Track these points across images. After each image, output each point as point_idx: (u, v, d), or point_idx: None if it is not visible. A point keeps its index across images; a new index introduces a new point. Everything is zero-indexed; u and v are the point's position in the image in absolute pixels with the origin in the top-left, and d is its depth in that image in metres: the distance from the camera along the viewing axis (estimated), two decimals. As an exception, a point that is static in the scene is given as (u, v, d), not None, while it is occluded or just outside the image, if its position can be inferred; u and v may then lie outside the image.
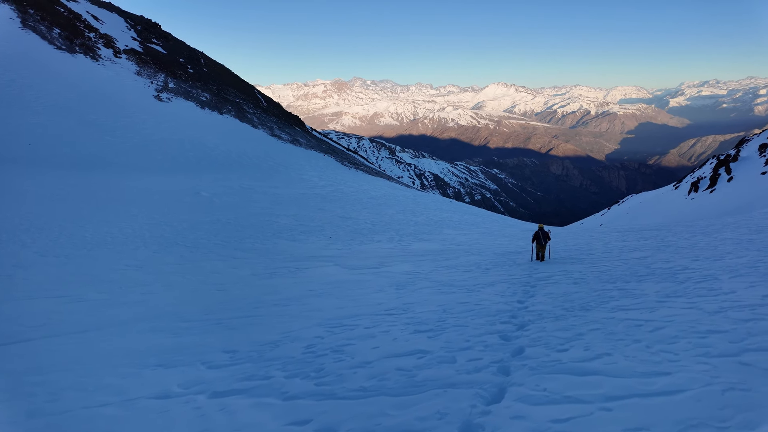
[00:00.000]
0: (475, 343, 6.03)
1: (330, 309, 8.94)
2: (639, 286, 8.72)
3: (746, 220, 17.84)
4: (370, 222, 23.78)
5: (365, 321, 7.84)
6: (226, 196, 25.29)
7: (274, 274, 12.55)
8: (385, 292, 10.31)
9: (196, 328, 7.80)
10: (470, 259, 14.61)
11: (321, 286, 11.30)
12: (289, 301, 9.69)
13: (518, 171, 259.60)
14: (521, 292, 9.30)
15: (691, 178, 52.37)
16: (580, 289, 9.08)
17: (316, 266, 13.81)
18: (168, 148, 39.45)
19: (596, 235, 19.71)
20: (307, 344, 6.69)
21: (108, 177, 26.81)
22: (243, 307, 9.27)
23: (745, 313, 6.05)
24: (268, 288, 11.11)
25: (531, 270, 12.04)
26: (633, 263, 11.45)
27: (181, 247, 14.66)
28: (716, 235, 14.63)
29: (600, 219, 55.22)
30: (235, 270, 12.90)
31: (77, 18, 52.72)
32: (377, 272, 12.89)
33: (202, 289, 10.82)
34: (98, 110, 40.91)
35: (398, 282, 11.49)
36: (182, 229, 16.87)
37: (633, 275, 9.87)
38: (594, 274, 10.58)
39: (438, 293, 9.89)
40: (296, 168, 43.60)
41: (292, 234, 18.64)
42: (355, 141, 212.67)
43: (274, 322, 8.14)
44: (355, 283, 11.60)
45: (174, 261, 13.18)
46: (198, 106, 52.31)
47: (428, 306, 8.67)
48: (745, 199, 37.26)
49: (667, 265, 10.55)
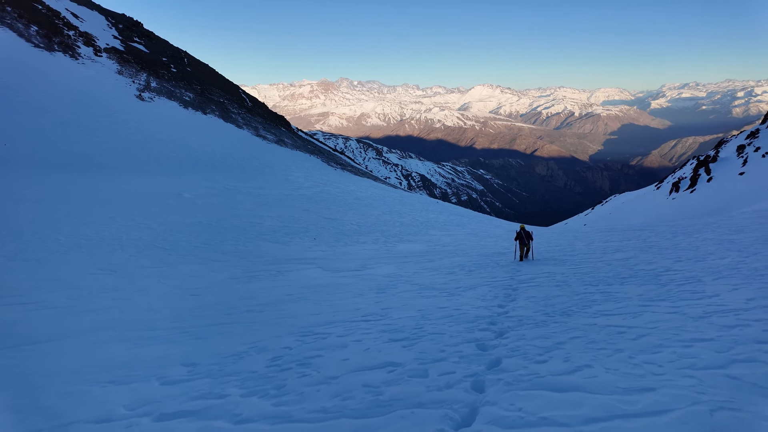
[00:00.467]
0: (450, 354, 5.78)
1: (305, 315, 8.67)
2: (622, 288, 8.60)
3: (726, 221, 18.05)
4: (355, 223, 23.54)
5: (339, 329, 7.55)
6: (209, 198, 24.80)
7: (253, 278, 12.19)
8: (365, 296, 10.11)
9: (160, 337, 7.42)
10: (454, 260, 14.45)
11: (300, 290, 11.01)
12: (264, 307, 9.38)
13: (504, 172, 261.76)
14: (502, 296, 9.13)
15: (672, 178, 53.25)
16: (562, 292, 8.94)
17: (298, 269, 13.48)
18: (150, 148, 38.66)
19: (579, 236, 19.72)
20: (273, 356, 6.35)
21: (87, 178, 26.09)
22: (215, 313, 8.95)
23: (730, 319, 5.90)
24: (245, 293, 10.74)
25: (514, 272, 11.89)
26: (616, 264, 11.36)
27: (160, 250, 14.18)
28: (697, 236, 14.72)
29: (584, 219, 55.81)
30: (213, 273, 12.48)
31: (56, 15, 51.42)
32: (359, 275, 12.67)
33: (175, 294, 10.42)
34: (77, 110, 39.91)
35: (379, 285, 11.28)
36: (161, 231, 16.33)
37: (616, 277, 9.76)
38: (576, 276, 10.45)
39: (418, 297, 9.70)
40: (281, 169, 43.16)
41: (276, 236, 18.24)
42: (342, 142, 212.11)
43: (244, 330, 7.81)
44: (336, 286, 11.35)
45: (150, 264, 12.71)
46: (181, 106, 51.45)
47: (406, 311, 8.45)
48: (724, 199, 37.97)
49: (650, 267, 10.49)
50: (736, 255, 10.51)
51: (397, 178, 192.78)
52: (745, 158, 44.85)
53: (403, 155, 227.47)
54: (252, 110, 63.25)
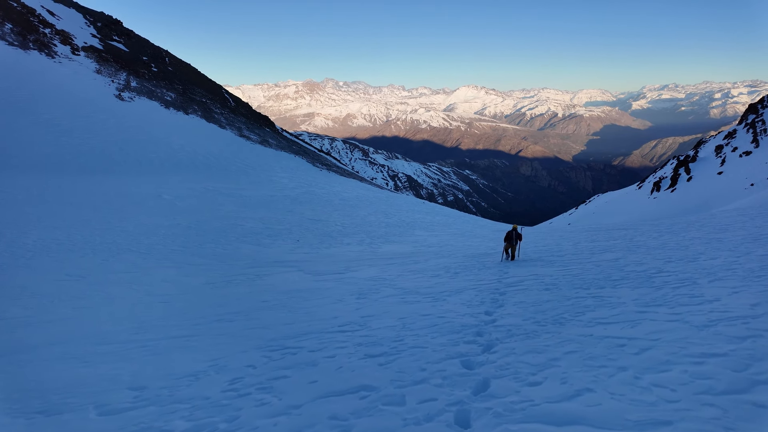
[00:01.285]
0: (431, 374, 5.15)
1: (278, 326, 8.07)
2: (615, 292, 8.24)
3: (709, 219, 18.10)
4: (340, 224, 23.08)
5: (313, 341, 6.94)
6: (190, 199, 24.08)
7: (230, 283, 11.62)
8: (345, 303, 9.61)
9: (114, 353, 6.74)
10: (439, 262, 14.10)
11: (277, 296, 10.43)
12: (235, 316, 8.76)
13: (489, 172, 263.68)
14: (489, 301, 8.68)
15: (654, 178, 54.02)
16: (552, 296, 8.54)
17: (278, 272, 12.95)
18: (130, 149, 37.60)
19: (565, 235, 19.58)
20: (233, 377, 5.65)
21: (62, 179, 25.11)
22: (181, 323, 8.30)
23: (738, 329, 5.37)
24: (218, 299, 10.21)
25: (501, 274, 11.52)
26: (605, 266, 11.06)
27: (134, 254, 13.54)
28: (683, 234, 14.58)
29: (568, 218, 56.25)
30: (188, 279, 11.89)
31: (31, 13, 49.77)
32: (341, 278, 12.18)
33: (143, 302, 9.77)
34: (54, 110, 38.63)
35: (361, 290, 10.79)
36: (137, 234, 15.68)
37: (607, 280, 9.43)
38: (566, 278, 10.13)
39: (401, 303, 9.21)
40: (265, 169, 42.44)
41: (258, 238, 17.69)
42: (328, 142, 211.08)
43: (208, 344, 7.14)
44: (315, 291, 10.82)
45: (123, 270, 12.07)
46: (162, 106, 50.29)
47: (387, 320, 7.92)
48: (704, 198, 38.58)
49: (641, 268, 10.21)
50: (728, 255, 10.30)
51: (383, 179, 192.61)
52: (723, 158, 45.72)
53: (390, 156, 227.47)
54: (235, 110, 62.25)
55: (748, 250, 10.39)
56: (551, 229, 28.33)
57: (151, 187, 25.74)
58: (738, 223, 15.18)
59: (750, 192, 34.93)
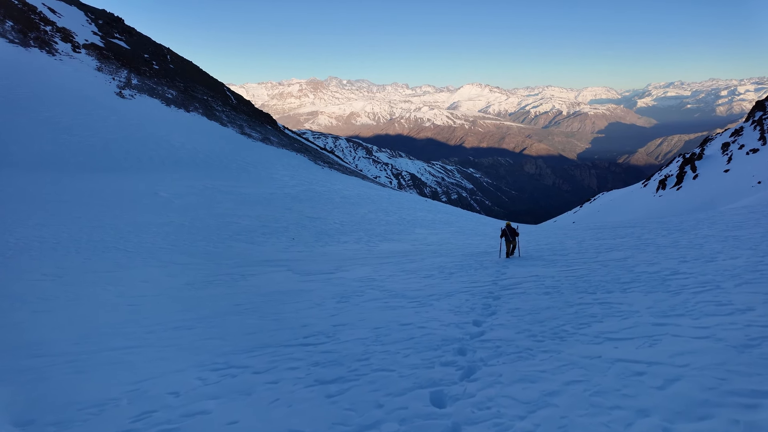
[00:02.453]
0: (388, 413, 4.14)
1: (237, 336, 7.21)
2: (625, 297, 7.35)
3: (718, 216, 17.60)
4: (339, 222, 22.84)
5: (263, 359, 6.02)
6: (188, 197, 23.91)
7: (211, 283, 11.15)
8: (322, 307, 8.94)
9: (32, 370, 5.83)
10: (436, 261, 13.70)
11: (254, 298, 9.79)
12: (197, 323, 7.96)
13: (493, 170, 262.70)
14: (481, 307, 7.92)
15: (659, 176, 53.45)
16: (552, 302, 7.68)
17: (266, 272, 12.49)
18: (130, 146, 37.53)
19: (569, 233, 19.13)
20: (143, 410, 4.64)
21: (59, 177, 25.03)
22: (134, 331, 7.51)
23: None
24: (190, 302, 9.54)
25: (497, 274, 10.83)
26: (613, 266, 10.26)
27: (120, 253, 13.22)
28: (694, 232, 13.94)
29: (572, 217, 55.81)
30: (169, 279, 11.39)
31: (32, 10, 49.82)
32: (329, 279, 11.68)
33: (111, 304, 9.20)
34: (54, 107, 38.62)
35: (345, 292, 10.17)
36: (127, 232, 15.39)
37: (615, 282, 8.56)
38: (569, 280, 9.34)
39: (382, 309, 8.52)
40: (266, 167, 42.26)
41: (252, 236, 17.41)
42: (331, 141, 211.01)
43: (145, 359, 6.22)
44: (296, 294, 10.20)
45: (104, 269, 11.66)
46: (163, 104, 50.22)
47: (360, 330, 7.13)
48: (710, 196, 38.07)
49: (653, 269, 9.28)
50: (750, 254, 9.37)
51: (387, 177, 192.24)
52: (730, 155, 45.12)
53: (393, 154, 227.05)
54: (237, 108, 62.13)
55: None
56: (555, 227, 27.97)
57: (148, 185, 25.62)
58: (751, 221, 14.59)
59: (757, 190, 34.43)
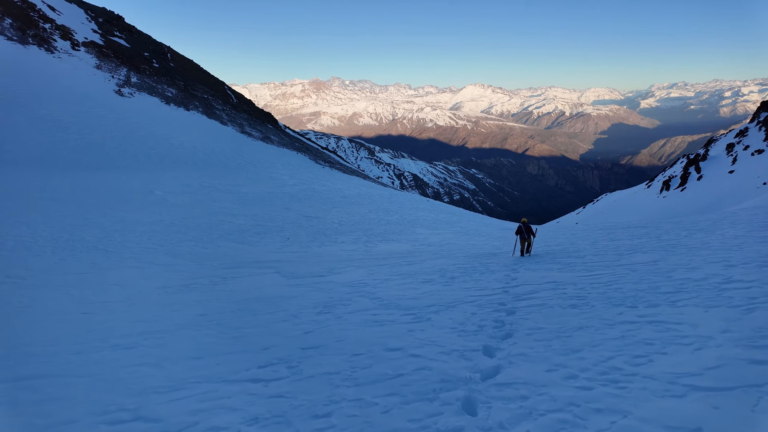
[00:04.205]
0: None
1: (172, 363, 5.72)
2: (680, 314, 5.70)
3: (734, 216, 16.75)
4: (337, 221, 22.32)
5: (181, 410, 4.42)
6: (183, 195, 23.45)
7: (187, 288, 10.19)
8: (297, 321, 7.57)
9: None
10: (437, 263, 12.89)
11: (223, 307, 8.58)
12: (141, 340, 6.50)
13: (496, 171, 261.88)
14: (491, 325, 6.47)
15: (663, 177, 52.81)
16: (584, 319, 6.10)
17: (251, 275, 11.61)
18: (128, 145, 37.15)
19: (579, 233, 18.43)
20: None
21: (53, 174, 24.61)
22: (56, 353, 6.15)
23: None
24: (150, 311, 8.36)
25: (507, 279, 9.68)
26: (643, 271, 8.88)
27: (100, 253, 12.48)
28: (719, 232, 12.87)
29: (575, 218, 55.23)
30: (144, 282, 10.48)
31: (31, 8, 49.50)
32: (317, 283, 10.65)
33: (61, 312, 8.08)
34: (51, 105, 38.28)
35: (330, 300, 8.96)
36: (112, 230, 14.76)
37: (655, 292, 7.20)
38: (595, 288, 7.99)
39: (368, 324, 7.17)
40: (266, 166, 41.83)
41: (244, 235, 16.78)
42: (334, 141, 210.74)
43: (33, 400, 4.78)
44: (275, 301, 9.06)
45: (77, 270, 10.84)
46: (163, 102, 49.82)
47: (334, 358, 5.50)
48: (715, 197, 37.49)
49: (697, 275, 7.84)
50: None
51: (389, 178, 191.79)
52: (735, 156, 44.50)
53: (396, 155, 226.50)
54: (237, 107, 61.72)
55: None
56: (560, 227, 27.35)
57: (144, 183, 25.17)
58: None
59: (763, 191, 33.85)
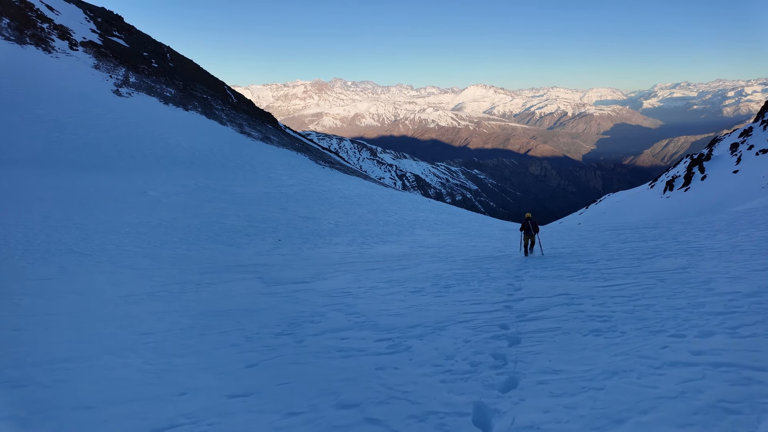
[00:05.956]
0: None
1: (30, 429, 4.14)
2: (754, 352, 4.33)
3: (749, 215, 15.94)
4: (333, 222, 21.82)
5: None
6: (177, 196, 23.01)
7: (152, 296, 9.16)
8: (246, 347, 6.07)
9: None
10: (432, 268, 11.97)
11: (175, 323, 7.32)
12: (35, 375, 5.14)
13: (498, 171, 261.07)
14: (488, 367, 4.79)
15: (666, 177, 52.16)
16: (614, 355, 4.61)
17: (228, 281, 10.83)
18: (125, 145, 36.78)
19: (585, 234, 17.64)
20: None
21: (45, 175, 24.21)
22: None
23: None
24: (89, 328, 7.05)
25: (510, 290, 8.32)
26: (673, 281, 7.41)
27: (74, 256, 11.83)
28: (743, 233, 11.74)
29: (578, 218, 54.58)
30: (110, 289, 9.65)
31: (29, 7, 49.28)
32: (295, 292, 9.54)
33: None
34: (48, 105, 37.97)
35: (299, 315, 7.59)
36: (94, 232, 14.21)
37: (699, 311, 5.74)
38: (619, 303, 6.55)
39: (330, 355, 5.59)
40: (265, 166, 41.38)
41: (234, 237, 16.23)
42: (336, 142, 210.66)
43: None
44: (236, 316, 7.72)
45: (40, 276, 10.10)
46: (162, 102, 49.50)
47: (251, 427, 3.88)
48: (719, 197, 36.83)
49: (748, 288, 6.39)
50: None
51: (391, 179, 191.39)
52: (739, 156, 43.86)
53: (398, 155, 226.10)
54: (237, 107, 61.35)
55: None
56: (563, 228, 26.70)
57: (138, 184, 24.74)
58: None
59: None
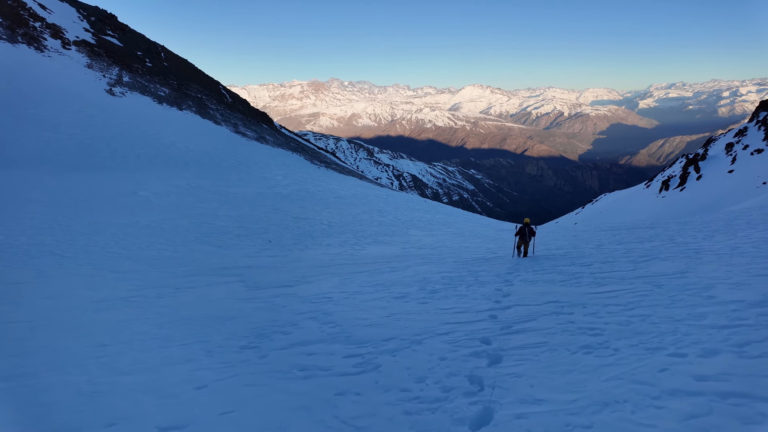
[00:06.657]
0: None
1: None
2: (765, 377, 3.79)
3: (746, 215, 15.81)
4: (326, 223, 21.60)
5: None
6: (169, 196, 22.73)
7: (125, 302, 8.71)
8: (202, 362, 5.56)
9: None
10: (420, 270, 11.73)
11: (140, 332, 6.92)
12: None
13: (495, 171, 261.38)
14: (462, 395, 4.25)
15: (662, 177, 52.25)
16: (607, 380, 4.17)
17: (210, 284, 10.45)
18: (117, 145, 36.42)
19: (581, 235, 17.47)
20: None
21: (34, 175, 23.89)
22: None
23: None
24: (46, 338, 6.59)
25: (497, 296, 8.07)
26: (671, 287, 6.98)
27: (54, 258, 11.44)
28: (743, 234, 11.38)
29: (574, 218, 54.58)
30: (84, 293, 9.21)
31: (21, 6, 48.80)
32: (275, 297, 9.25)
33: None
34: (39, 104, 37.59)
35: (272, 325, 7.21)
36: (78, 234, 13.89)
37: (700, 323, 5.28)
38: (613, 313, 6.10)
39: (288, 376, 5.03)
40: (259, 166, 41.12)
41: (222, 238, 15.96)
42: (332, 142, 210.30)
43: None
44: (205, 325, 7.31)
45: (12, 281, 9.67)
46: (155, 102, 49.11)
47: None
48: (715, 197, 36.89)
49: (753, 297, 5.96)
50: None
51: (388, 179, 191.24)
52: (734, 156, 44.01)
53: (395, 155, 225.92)
54: (232, 106, 61.02)
55: None
56: (559, 228, 26.56)
57: (130, 184, 24.45)
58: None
59: (763, 190, 33.28)
